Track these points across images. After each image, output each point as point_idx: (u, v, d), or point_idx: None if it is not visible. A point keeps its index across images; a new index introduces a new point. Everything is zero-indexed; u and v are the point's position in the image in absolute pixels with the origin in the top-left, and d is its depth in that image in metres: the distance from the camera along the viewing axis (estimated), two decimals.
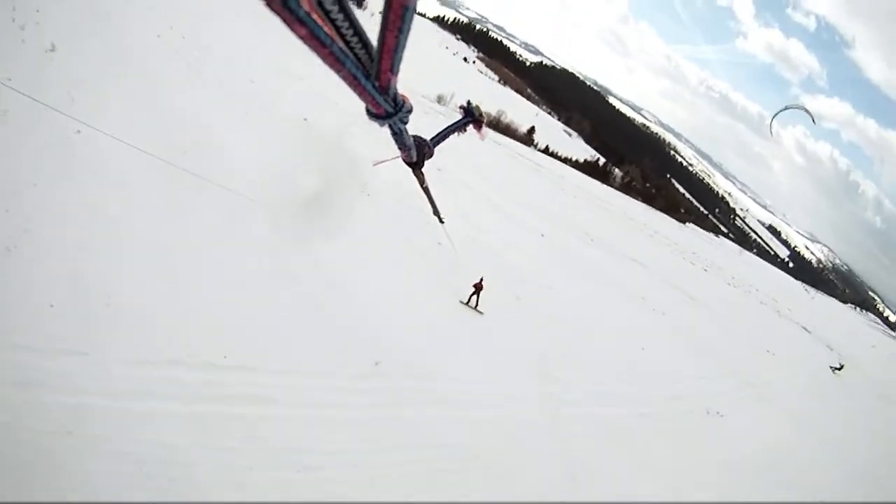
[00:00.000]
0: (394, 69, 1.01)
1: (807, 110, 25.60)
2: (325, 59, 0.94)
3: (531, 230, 25.53)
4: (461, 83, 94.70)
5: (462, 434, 8.94)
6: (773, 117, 28.58)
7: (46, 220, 8.01)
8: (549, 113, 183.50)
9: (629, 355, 16.18)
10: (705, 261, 57.42)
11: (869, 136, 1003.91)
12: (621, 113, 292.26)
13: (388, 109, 1.17)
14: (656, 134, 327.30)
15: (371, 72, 1.02)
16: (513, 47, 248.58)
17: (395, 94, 1.14)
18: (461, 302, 13.58)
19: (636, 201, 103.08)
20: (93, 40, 14.94)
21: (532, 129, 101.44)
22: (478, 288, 13.61)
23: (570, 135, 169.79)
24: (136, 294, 7.68)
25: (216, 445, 6.36)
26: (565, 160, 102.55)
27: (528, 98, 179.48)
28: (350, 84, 1.03)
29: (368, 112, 1.20)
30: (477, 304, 13.67)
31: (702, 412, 14.87)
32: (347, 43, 0.95)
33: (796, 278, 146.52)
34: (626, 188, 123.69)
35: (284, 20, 0.83)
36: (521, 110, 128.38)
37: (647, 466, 10.91)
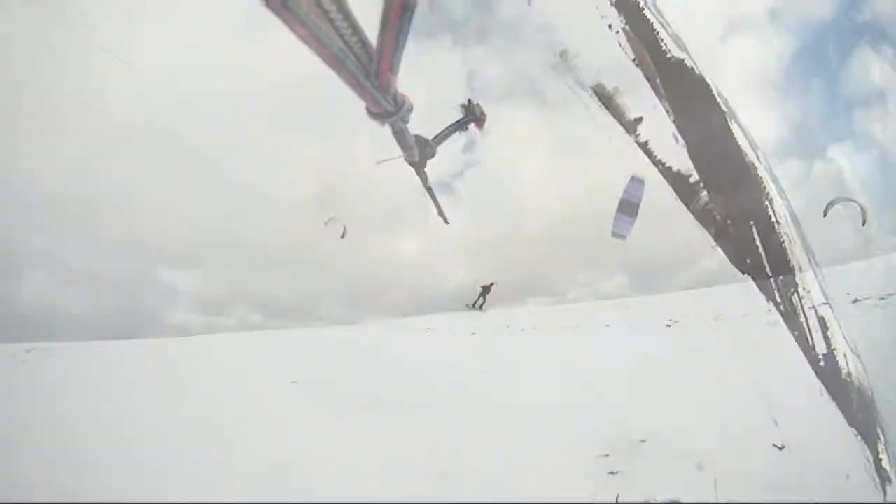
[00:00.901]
0: (393, 69, 1.07)
1: (861, 205, 25.46)
2: (325, 58, 0.99)
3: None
4: (592, 46, 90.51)
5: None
6: (828, 208, 28.39)
7: None
8: (667, 111, 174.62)
9: None
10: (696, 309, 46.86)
11: None
12: (736, 141, 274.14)
13: (389, 108, 1.25)
14: (761, 178, 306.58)
15: (371, 71, 1.08)
16: (662, 33, 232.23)
17: (396, 93, 1.21)
18: (467, 306, 13.75)
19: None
20: None
21: (640, 119, 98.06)
22: (486, 290, 13.79)
23: (676, 140, 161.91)
24: None
25: None
26: (656, 162, 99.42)
27: (654, 88, 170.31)
28: (350, 84, 1.09)
29: (369, 111, 1.26)
30: (483, 304, 13.91)
31: None
32: (347, 43, 1.00)
33: (818, 377, 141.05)
34: (703, 212, 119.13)
35: (284, 20, 0.88)
36: (641, 97, 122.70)
37: None
